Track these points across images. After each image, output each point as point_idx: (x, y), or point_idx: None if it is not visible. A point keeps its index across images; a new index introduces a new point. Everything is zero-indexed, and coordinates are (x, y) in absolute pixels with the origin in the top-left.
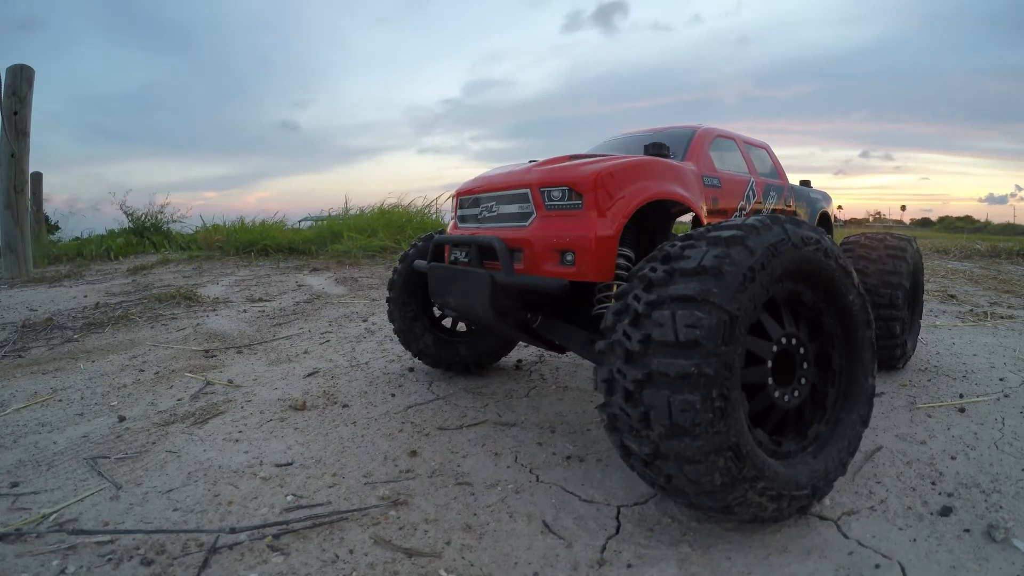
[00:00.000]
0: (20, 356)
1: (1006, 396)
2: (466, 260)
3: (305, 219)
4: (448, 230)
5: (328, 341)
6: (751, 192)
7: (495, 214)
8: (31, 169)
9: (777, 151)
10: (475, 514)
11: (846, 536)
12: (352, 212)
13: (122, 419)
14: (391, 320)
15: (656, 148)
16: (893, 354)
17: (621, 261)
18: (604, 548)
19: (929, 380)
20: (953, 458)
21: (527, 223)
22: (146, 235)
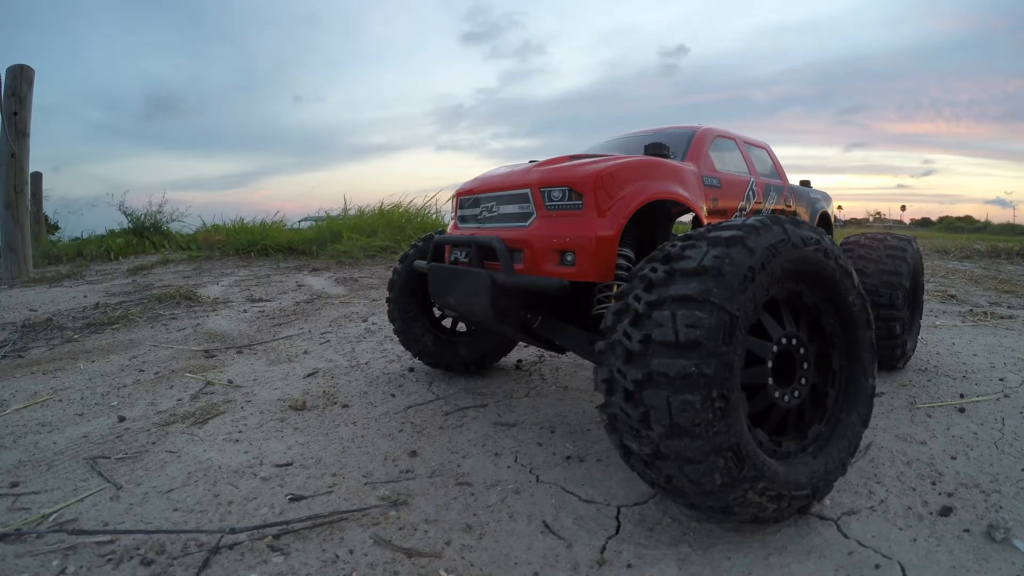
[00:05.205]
0: (20, 356)
1: (1006, 396)
2: (466, 260)
3: (305, 219)
4: (448, 230)
5: (328, 341)
6: (751, 192)
7: (495, 214)
8: (31, 169)
9: (795, 150)
10: (475, 514)
11: (846, 536)
12: (352, 212)
13: (122, 419)
14: (391, 320)
15: (656, 148)
16: (893, 354)
17: (621, 261)
18: (604, 548)
19: (929, 380)
20: (953, 458)
21: (527, 223)
22: (146, 235)
